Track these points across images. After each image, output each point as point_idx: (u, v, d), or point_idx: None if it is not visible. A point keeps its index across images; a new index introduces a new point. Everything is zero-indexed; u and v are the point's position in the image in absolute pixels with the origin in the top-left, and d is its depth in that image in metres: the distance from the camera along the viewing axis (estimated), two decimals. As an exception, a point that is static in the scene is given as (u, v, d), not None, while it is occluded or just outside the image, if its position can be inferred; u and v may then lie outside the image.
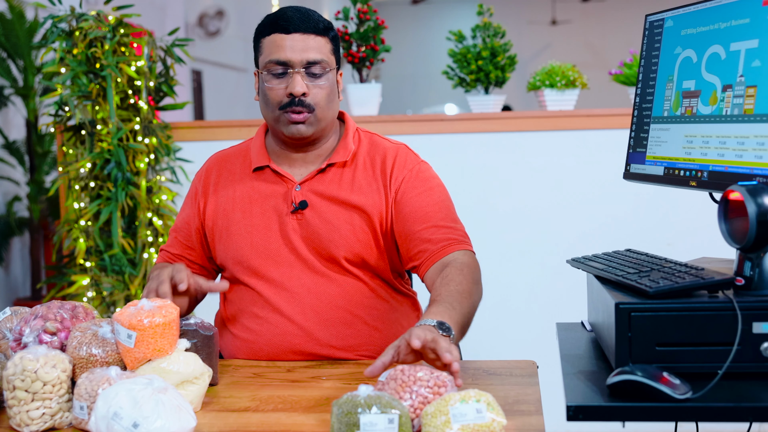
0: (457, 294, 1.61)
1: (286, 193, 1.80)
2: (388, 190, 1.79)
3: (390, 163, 1.81)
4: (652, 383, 1.19)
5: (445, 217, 1.77)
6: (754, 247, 1.29)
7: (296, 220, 1.78)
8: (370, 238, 1.78)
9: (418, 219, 1.76)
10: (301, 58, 1.72)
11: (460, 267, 1.68)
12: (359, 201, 1.78)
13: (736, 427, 1.30)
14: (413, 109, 10.01)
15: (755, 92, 1.36)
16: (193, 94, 7.47)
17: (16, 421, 1.35)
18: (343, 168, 1.81)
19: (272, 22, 1.75)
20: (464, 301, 1.59)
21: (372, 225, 1.78)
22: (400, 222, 1.78)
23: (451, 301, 1.57)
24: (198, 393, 1.42)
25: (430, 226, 1.75)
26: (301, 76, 1.73)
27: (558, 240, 3.31)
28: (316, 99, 1.74)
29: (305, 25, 1.73)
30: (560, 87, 3.33)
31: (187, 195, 1.94)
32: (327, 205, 1.78)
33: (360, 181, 1.79)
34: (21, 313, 1.59)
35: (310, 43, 1.73)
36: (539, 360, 1.70)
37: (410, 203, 1.78)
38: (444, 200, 1.81)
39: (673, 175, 1.57)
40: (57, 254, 3.41)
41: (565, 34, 11.44)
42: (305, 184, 1.79)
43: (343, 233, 1.76)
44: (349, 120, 1.88)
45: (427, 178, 1.82)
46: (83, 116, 3.11)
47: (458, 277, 1.65)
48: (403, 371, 1.29)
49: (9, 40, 4.54)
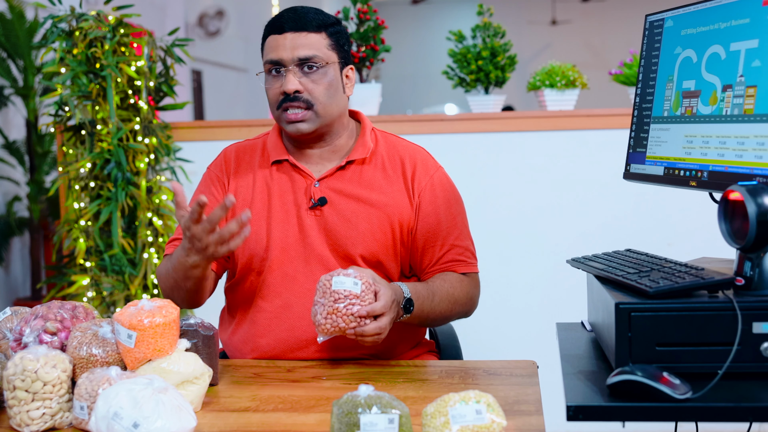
0: (446, 293, 1.75)
1: (305, 189, 1.80)
2: (411, 194, 1.81)
3: (411, 167, 1.83)
4: (652, 383, 1.19)
5: (459, 234, 1.83)
6: (754, 247, 1.29)
7: (315, 216, 1.78)
8: (388, 238, 1.78)
9: (434, 235, 1.81)
10: (293, 55, 1.73)
11: (460, 279, 1.81)
12: (379, 200, 1.78)
13: (736, 427, 1.30)
14: (413, 109, 10.01)
15: (755, 92, 1.36)
16: (193, 94, 7.47)
17: (16, 421, 1.35)
18: (362, 165, 1.81)
19: (270, 24, 1.78)
20: (445, 302, 1.75)
21: (391, 225, 1.78)
22: (419, 233, 1.81)
23: (434, 292, 1.72)
24: (198, 393, 1.42)
25: (444, 245, 1.81)
26: (294, 73, 1.74)
27: (558, 240, 3.31)
28: (313, 94, 1.75)
29: (297, 24, 1.74)
30: (560, 87, 3.33)
31: (201, 183, 1.89)
32: (346, 202, 1.78)
33: (380, 180, 1.80)
34: (21, 313, 1.59)
35: (301, 41, 1.74)
36: (539, 360, 1.70)
37: (431, 215, 1.81)
38: (459, 213, 1.85)
39: (673, 175, 1.57)
40: (57, 254, 3.41)
41: (565, 34, 11.44)
42: (324, 180, 1.80)
43: (361, 231, 1.76)
44: (365, 119, 1.89)
45: (446, 187, 1.85)
46: (83, 116, 3.11)
47: (456, 284, 1.79)
48: (329, 283, 1.54)
49: (9, 40, 4.54)
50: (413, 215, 1.80)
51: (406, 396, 1.48)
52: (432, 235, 1.81)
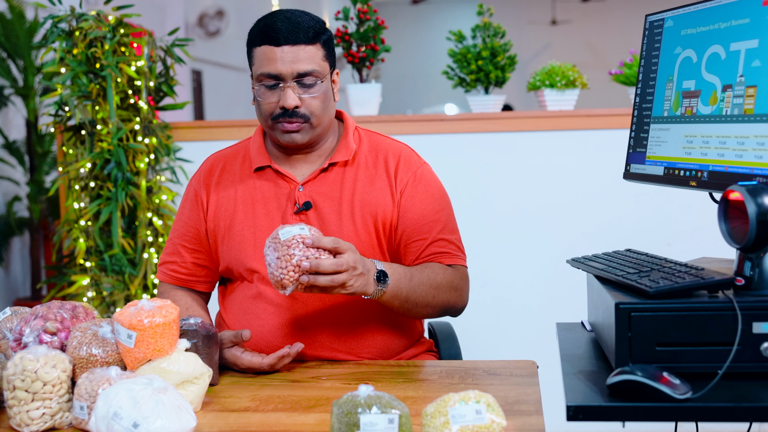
0: (426, 277, 1.73)
1: (289, 194, 1.79)
2: (394, 190, 1.80)
3: (394, 163, 1.82)
4: (652, 383, 1.19)
5: (443, 228, 1.82)
6: (754, 247, 1.29)
7: (300, 221, 1.77)
8: (373, 239, 1.78)
9: (416, 229, 1.80)
10: (292, 70, 1.71)
11: (443, 267, 1.80)
12: (363, 201, 1.78)
13: (736, 427, 1.31)
14: (413, 109, 10.01)
15: (755, 92, 1.36)
16: (193, 94, 7.46)
17: (16, 421, 1.35)
18: (345, 167, 1.81)
19: (262, 33, 1.73)
20: (425, 286, 1.72)
21: (376, 225, 1.78)
22: (400, 228, 1.80)
23: (413, 274, 1.71)
24: (198, 393, 1.42)
25: (427, 239, 1.80)
26: (293, 88, 1.72)
27: (558, 240, 3.31)
28: (310, 109, 1.74)
29: (295, 36, 1.71)
30: (560, 87, 3.33)
31: (183, 200, 1.91)
32: (330, 205, 1.78)
33: (363, 181, 1.80)
34: (21, 313, 1.59)
35: (300, 55, 1.72)
36: (539, 360, 1.70)
37: (411, 210, 1.80)
38: (444, 208, 1.84)
39: (673, 175, 1.57)
40: (57, 254, 3.41)
41: (565, 34, 11.44)
42: (308, 184, 1.79)
43: (346, 234, 1.76)
44: (347, 119, 1.88)
45: (429, 182, 1.84)
46: (83, 116, 3.11)
47: (439, 270, 1.77)
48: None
49: (9, 40, 4.54)
50: (395, 210, 1.79)
51: (406, 396, 1.48)
52: (415, 230, 1.80)
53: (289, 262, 1.51)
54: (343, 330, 1.76)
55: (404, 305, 1.71)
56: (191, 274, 1.88)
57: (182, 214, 1.90)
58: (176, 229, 1.90)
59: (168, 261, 1.90)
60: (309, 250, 1.52)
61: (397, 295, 1.67)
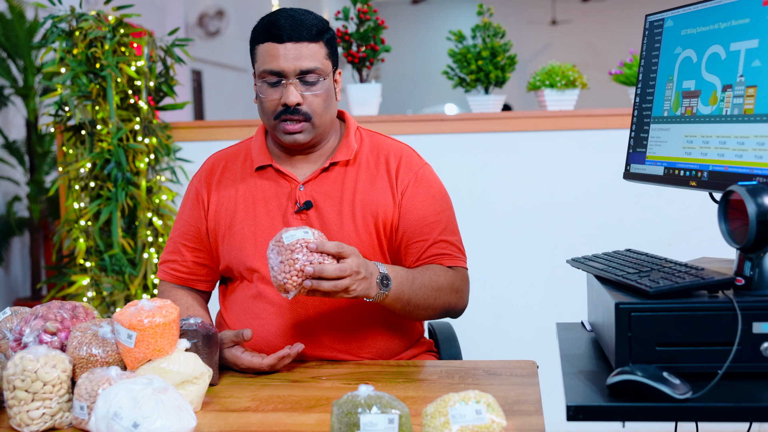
0: (428, 279, 1.73)
1: (290, 193, 1.79)
2: (395, 190, 1.80)
3: (395, 164, 1.82)
4: (652, 383, 1.19)
5: (444, 230, 1.82)
6: (754, 247, 1.29)
7: (300, 220, 1.78)
8: (374, 239, 1.78)
9: (417, 230, 1.80)
10: (295, 67, 1.72)
11: (444, 269, 1.80)
12: (363, 201, 1.78)
13: (736, 427, 1.31)
14: (413, 109, 10.00)
15: (755, 92, 1.36)
16: (193, 94, 7.46)
17: (16, 421, 1.35)
18: (346, 167, 1.81)
19: (266, 30, 1.74)
20: (427, 288, 1.72)
21: (376, 225, 1.78)
22: (401, 229, 1.80)
23: (415, 276, 1.71)
24: (198, 393, 1.42)
25: (428, 240, 1.80)
26: (295, 85, 1.72)
27: (558, 240, 3.31)
28: (312, 107, 1.74)
29: (298, 34, 1.72)
30: (560, 87, 3.33)
31: (185, 199, 1.92)
32: (330, 205, 1.78)
33: (364, 180, 1.80)
34: (21, 313, 1.59)
35: (303, 52, 1.72)
36: (539, 360, 1.70)
37: (413, 211, 1.80)
38: (445, 209, 1.84)
39: (673, 175, 1.57)
40: (57, 254, 3.41)
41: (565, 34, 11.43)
42: (309, 183, 1.79)
43: (346, 233, 1.76)
44: (349, 119, 1.88)
45: (430, 183, 1.84)
46: (83, 116, 3.11)
47: (440, 272, 1.77)
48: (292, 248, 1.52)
49: (9, 40, 4.54)
50: (396, 211, 1.79)
51: (406, 396, 1.48)
52: (415, 231, 1.80)
53: (292, 266, 1.50)
54: (343, 330, 1.76)
55: (406, 308, 1.71)
56: (192, 273, 1.88)
57: (183, 213, 1.90)
58: (177, 227, 1.90)
59: (169, 260, 1.90)
60: (312, 255, 1.51)
61: (399, 298, 1.67)
